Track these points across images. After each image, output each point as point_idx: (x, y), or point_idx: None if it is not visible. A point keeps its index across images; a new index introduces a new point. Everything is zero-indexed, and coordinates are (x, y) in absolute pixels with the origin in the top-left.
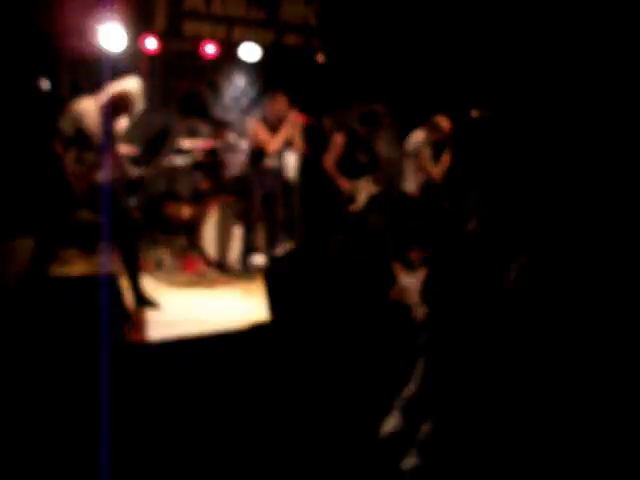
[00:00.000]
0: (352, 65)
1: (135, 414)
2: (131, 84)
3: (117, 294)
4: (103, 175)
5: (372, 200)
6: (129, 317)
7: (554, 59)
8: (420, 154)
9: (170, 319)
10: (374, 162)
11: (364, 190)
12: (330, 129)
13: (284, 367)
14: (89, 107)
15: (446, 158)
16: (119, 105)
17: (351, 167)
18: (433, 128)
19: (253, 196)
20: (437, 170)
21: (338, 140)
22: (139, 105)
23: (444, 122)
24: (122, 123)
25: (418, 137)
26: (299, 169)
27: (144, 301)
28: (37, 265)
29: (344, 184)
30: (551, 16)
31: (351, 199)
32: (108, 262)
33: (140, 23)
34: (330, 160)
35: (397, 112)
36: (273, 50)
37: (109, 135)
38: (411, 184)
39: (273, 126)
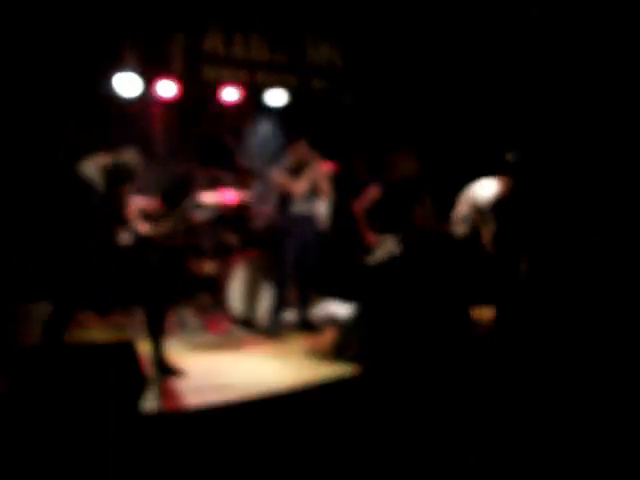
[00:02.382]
0: (382, 108)
1: None
2: (128, 156)
3: (134, 363)
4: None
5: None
6: (148, 386)
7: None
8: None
9: (194, 386)
10: (404, 221)
11: (386, 246)
12: (361, 175)
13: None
14: (91, 171)
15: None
16: (117, 176)
17: (380, 221)
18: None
19: (284, 248)
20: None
21: (372, 192)
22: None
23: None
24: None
25: (492, 189)
26: (329, 216)
27: (166, 370)
28: (53, 329)
29: (370, 236)
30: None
31: (370, 250)
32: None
33: (156, 67)
34: (360, 207)
35: (429, 161)
36: (298, 94)
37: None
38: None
39: (295, 172)
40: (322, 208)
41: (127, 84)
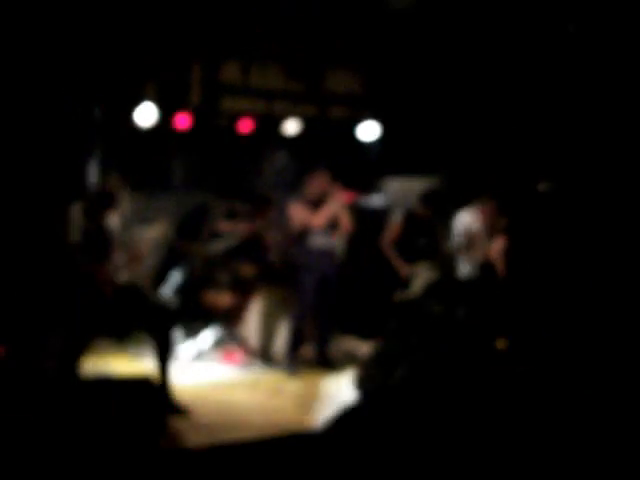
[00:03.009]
0: (405, 136)
1: None
2: (112, 183)
3: (152, 399)
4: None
5: (430, 287)
6: (164, 423)
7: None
8: (472, 235)
9: (207, 423)
10: (433, 246)
11: (421, 276)
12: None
13: None
14: (76, 213)
15: (501, 239)
16: (100, 202)
17: (409, 250)
18: (478, 211)
19: (304, 283)
20: (493, 251)
21: (397, 221)
22: (122, 201)
23: (487, 205)
24: (114, 220)
25: (466, 218)
26: (344, 249)
27: (173, 408)
28: (68, 361)
29: (402, 268)
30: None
31: (406, 284)
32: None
33: (174, 98)
34: (388, 241)
35: (455, 188)
36: (316, 124)
37: (102, 236)
38: (465, 267)
39: (315, 204)
40: (340, 241)
41: (145, 115)
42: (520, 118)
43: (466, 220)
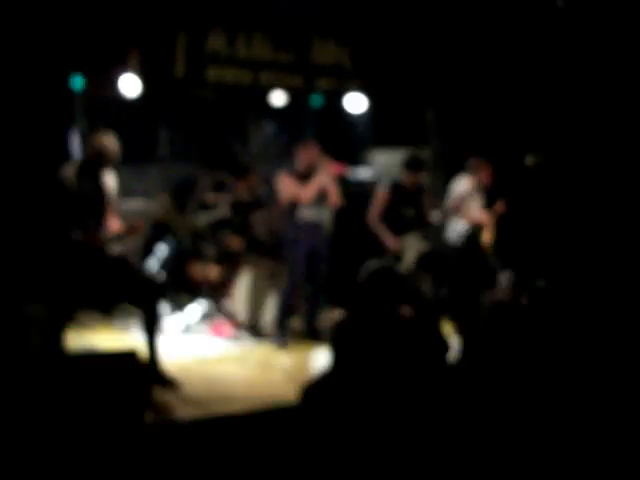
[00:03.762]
0: (394, 107)
1: None
2: (105, 139)
3: (137, 373)
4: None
5: (421, 260)
6: (149, 397)
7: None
8: (465, 201)
9: (195, 396)
10: (421, 216)
11: (412, 248)
12: None
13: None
14: (69, 172)
15: (499, 206)
16: (94, 162)
17: (397, 222)
18: (473, 172)
19: (293, 256)
20: (485, 217)
21: (382, 192)
22: (115, 159)
23: (482, 166)
24: (109, 181)
25: (462, 183)
26: (332, 222)
27: (161, 380)
28: (53, 334)
29: (391, 242)
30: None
31: (398, 258)
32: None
33: (158, 69)
34: (374, 214)
35: (444, 158)
36: (303, 95)
37: (98, 196)
38: (453, 233)
39: (304, 177)
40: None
41: (130, 85)
42: (510, 92)
43: (462, 184)
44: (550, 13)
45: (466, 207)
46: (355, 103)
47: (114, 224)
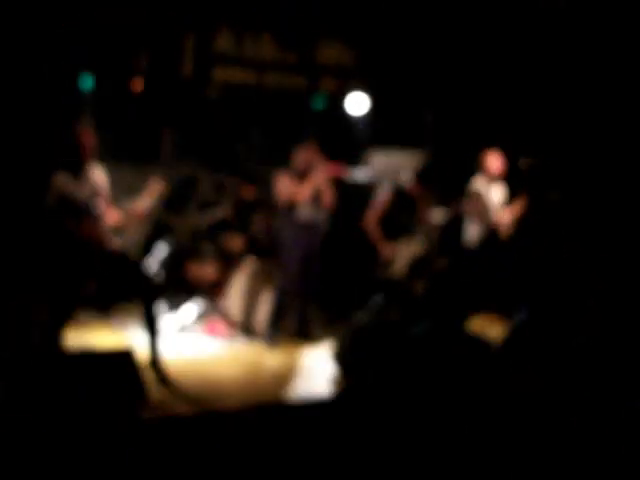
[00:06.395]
0: (394, 108)
1: None
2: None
3: (133, 371)
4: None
5: (414, 265)
6: (145, 394)
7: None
8: (477, 199)
9: (189, 394)
10: (412, 220)
11: (404, 252)
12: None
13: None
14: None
15: (520, 204)
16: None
17: (392, 227)
18: (481, 167)
19: (289, 257)
20: (503, 217)
21: (384, 198)
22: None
23: (492, 159)
24: (96, 175)
25: (476, 180)
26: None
27: (161, 378)
28: (51, 332)
29: (385, 249)
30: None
31: (388, 263)
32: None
33: (166, 68)
34: (373, 219)
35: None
36: (306, 95)
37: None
38: (471, 233)
39: (302, 177)
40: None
41: (141, 85)
42: (509, 92)
43: (478, 184)
44: (550, 13)
45: (482, 207)
46: (357, 104)
47: (112, 216)
